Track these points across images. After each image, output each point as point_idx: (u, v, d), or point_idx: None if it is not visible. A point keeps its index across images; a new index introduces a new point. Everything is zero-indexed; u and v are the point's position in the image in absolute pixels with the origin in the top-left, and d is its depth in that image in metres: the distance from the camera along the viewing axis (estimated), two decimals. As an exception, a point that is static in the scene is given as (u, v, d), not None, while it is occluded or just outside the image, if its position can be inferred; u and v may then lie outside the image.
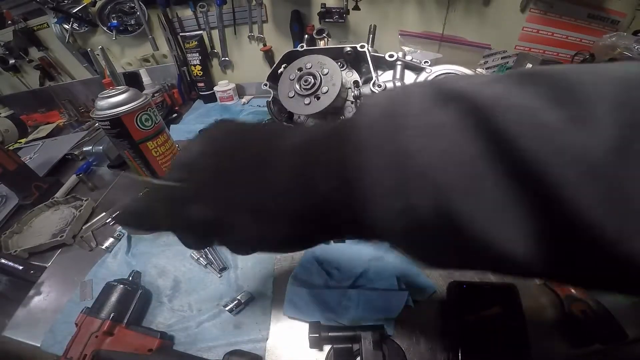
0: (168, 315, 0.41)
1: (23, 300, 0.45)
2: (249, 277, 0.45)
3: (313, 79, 0.42)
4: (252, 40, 1.02)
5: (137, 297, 0.40)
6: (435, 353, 0.35)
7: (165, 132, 0.48)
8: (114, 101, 0.41)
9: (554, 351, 0.35)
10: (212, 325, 0.39)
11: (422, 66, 0.43)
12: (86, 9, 0.96)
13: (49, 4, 0.91)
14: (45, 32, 1.03)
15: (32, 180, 0.65)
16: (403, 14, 0.91)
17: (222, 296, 0.43)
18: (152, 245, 0.51)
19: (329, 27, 0.90)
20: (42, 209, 0.61)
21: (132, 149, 0.45)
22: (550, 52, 0.94)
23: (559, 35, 0.91)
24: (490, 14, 0.88)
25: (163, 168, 0.49)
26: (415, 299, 0.40)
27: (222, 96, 1.06)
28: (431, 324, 0.38)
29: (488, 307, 0.38)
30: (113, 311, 0.37)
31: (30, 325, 0.42)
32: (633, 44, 0.77)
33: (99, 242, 0.52)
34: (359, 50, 0.43)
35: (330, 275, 0.44)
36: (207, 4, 0.95)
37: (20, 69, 1.12)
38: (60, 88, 1.13)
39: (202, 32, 1.01)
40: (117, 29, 0.99)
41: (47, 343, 0.39)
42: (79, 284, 0.46)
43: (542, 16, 0.88)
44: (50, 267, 0.50)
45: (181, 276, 0.46)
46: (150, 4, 0.95)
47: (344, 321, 0.38)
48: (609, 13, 0.86)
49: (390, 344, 0.35)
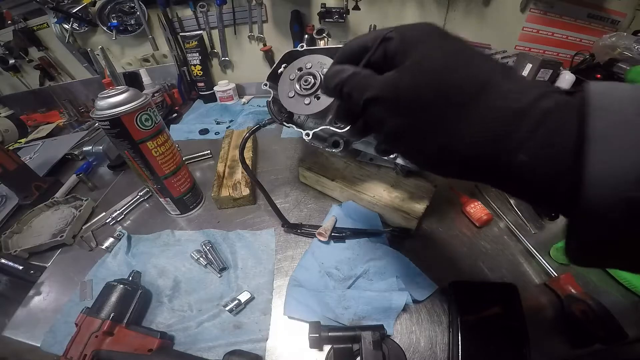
0: (168, 315, 0.41)
1: (23, 300, 0.45)
2: (249, 277, 0.45)
3: (313, 79, 0.42)
4: (252, 40, 1.02)
5: (137, 297, 0.40)
6: (436, 353, 0.35)
7: (165, 132, 0.48)
8: (113, 101, 0.41)
9: (554, 351, 0.35)
10: (212, 325, 0.39)
11: (422, 66, 0.43)
12: (86, 9, 0.96)
13: (49, 4, 0.91)
14: (45, 32, 1.03)
15: (32, 180, 0.65)
16: (403, 14, 0.91)
17: (222, 296, 0.43)
18: (152, 245, 0.51)
19: (329, 27, 0.90)
20: (42, 209, 0.61)
21: (132, 149, 0.45)
22: (550, 52, 0.94)
23: (559, 35, 0.91)
24: (490, 14, 0.88)
25: (163, 168, 0.49)
26: (415, 299, 0.40)
27: (222, 96, 1.06)
28: (431, 324, 0.38)
29: (488, 307, 0.38)
30: (113, 311, 0.37)
31: (30, 325, 0.42)
32: (633, 44, 0.77)
33: (99, 242, 0.52)
34: (359, 50, 0.43)
35: (330, 275, 0.44)
36: (207, 4, 0.95)
37: (20, 69, 1.12)
38: (60, 88, 1.13)
39: (202, 32, 1.01)
40: (117, 28, 0.98)
41: (47, 343, 0.39)
42: (78, 284, 0.46)
43: (542, 16, 0.88)
44: (50, 267, 0.50)
45: (181, 276, 0.46)
46: (150, 3, 0.95)
47: (344, 321, 0.38)
48: (609, 13, 0.86)
49: (390, 344, 0.35)
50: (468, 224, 0.51)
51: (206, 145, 0.77)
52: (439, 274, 0.44)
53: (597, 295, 0.37)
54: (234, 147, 0.71)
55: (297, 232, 0.51)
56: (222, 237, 0.51)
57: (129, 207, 0.60)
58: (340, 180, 0.54)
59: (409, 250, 0.47)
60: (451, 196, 0.56)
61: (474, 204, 0.51)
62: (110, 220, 0.57)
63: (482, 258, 0.46)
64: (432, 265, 0.45)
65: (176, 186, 0.52)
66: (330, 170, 0.56)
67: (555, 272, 0.42)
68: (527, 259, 0.45)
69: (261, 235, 0.51)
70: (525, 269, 0.44)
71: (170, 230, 0.54)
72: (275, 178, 0.65)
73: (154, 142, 0.46)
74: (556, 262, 0.44)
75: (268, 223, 0.54)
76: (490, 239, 0.49)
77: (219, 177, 0.61)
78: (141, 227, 0.56)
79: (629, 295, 0.39)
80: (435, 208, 0.52)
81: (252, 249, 0.49)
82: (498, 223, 0.51)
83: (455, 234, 0.50)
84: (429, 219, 0.52)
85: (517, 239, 0.48)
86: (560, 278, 0.40)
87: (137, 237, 0.53)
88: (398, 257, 0.45)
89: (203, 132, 0.88)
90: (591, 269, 0.43)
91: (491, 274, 0.44)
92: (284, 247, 0.49)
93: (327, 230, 0.48)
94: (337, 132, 0.43)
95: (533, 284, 0.42)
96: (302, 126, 0.48)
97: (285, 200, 0.59)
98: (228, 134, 0.77)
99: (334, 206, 0.54)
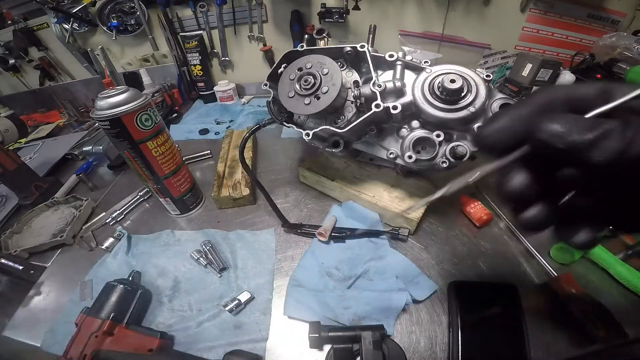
0: (168, 315, 0.41)
1: (23, 300, 0.45)
2: (249, 277, 0.45)
3: (313, 79, 0.42)
4: (252, 40, 1.02)
5: (137, 297, 0.40)
6: (436, 353, 0.35)
7: (165, 132, 0.48)
8: (113, 101, 0.41)
9: (554, 351, 0.35)
10: (212, 325, 0.39)
11: (422, 66, 0.43)
12: (86, 9, 0.96)
13: (49, 4, 0.91)
14: (45, 32, 1.03)
15: (32, 180, 0.65)
16: (403, 13, 0.91)
17: (222, 296, 0.43)
18: (152, 245, 0.51)
19: (329, 27, 0.90)
20: (42, 208, 0.61)
21: (132, 149, 0.45)
22: (550, 52, 0.94)
23: (559, 35, 0.91)
24: (490, 14, 0.88)
25: (163, 168, 0.49)
26: (415, 299, 0.40)
27: (222, 96, 1.06)
28: (431, 324, 0.38)
29: (488, 307, 0.38)
30: (113, 311, 0.37)
31: (30, 325, 0.42)
32: (633, 44, 0.77)
33: (99, 242, 0.52)
34: (359, 50, 0.43)
35: (330, 275, 0.44)
36: (207, 4, 0.95)
37: (20, 69, 1.12)
38: (60, 88, 1.13)
39: (202, 32, 1.01)
40: (117, 28, 0.99)
41: (47, 343, 0.39)
42: (78, 284, 0.46)
43: (542, 16, 0.88)
44: (50, 267, 0.50)
45: (181, 276, 0.46)
46: (150, 3, 0.95)
47: (344, 321, 0.38)
48: (609, 13, 0.86)
49: (390, 344, 0.35)
50: (468, 224, 0.51)
51: (206, 145, 0.77)
52: (439, 274, 0.44)
53: (597, 295, 0.37)
54: (234, 147, 0.71)
55: (297, 232, 0.51)
56: (222, 237, 0.51)
57: (129, 207, 0.60)
58: (340, 180, 0.54)
59: (409, 250, 0.47)
60: (451, 196, 0.55)
61: (474, 204, 0.51)
62: (110, 220, 0.57)
63: (482, 258, 0.46)
64: (432, 265, 0.45)
65: (176, 186, 0.52)
66: (330, 170, 0.56)
67: (555, 272, 0.41)
68: (527, 259, 0.45)
69: (261, 235, 0.51)
70: (525, 269, 0.44)
71: (170, 230, 0.54)
72: (275, 178, 0.65)
73: (154, 142, 0.46)
74: (556, 262, 0.44)
75: (268, 223, 0.54)
76: (490, 239, 0.49)
77: (219, 177, 0.61)
78: (141, 227, 0.56)
79: (629, 295, 0.39)
80: (435, 208, 0.52)
81: (252, 249, 0.49)
82: (498, 223, 0.51)
83: (455, 234, 0.50)
84: (429, 219, 0.52)
85: (517, 239, 0.48)
86: (560, 278, 0.40)
87: (137, 237, 0.53)
88: (398, 257, 0.45)
89: (203, 132, 0.88)
90: (591, 269, 0.43)
91: (491, 274, 0.44)
92: (284, 247, 0.49)
93: (327, 230, 0.48)
94: (337, 132, 0.43)
95: (533, 284, 0.42)
96: (302, 126, 0.49)
97: (285, 200, 0.59)
98: (228, 134, 0.77)
99: (334, 206, 0.54)
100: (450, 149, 0.40)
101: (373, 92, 0.41)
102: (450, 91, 0.38)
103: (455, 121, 0.39)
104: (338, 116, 0.45)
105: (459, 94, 0.38)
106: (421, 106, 0.40)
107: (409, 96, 0.42)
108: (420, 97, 0.40)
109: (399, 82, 0.42)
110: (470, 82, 0.39)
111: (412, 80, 0.43)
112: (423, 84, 0.41)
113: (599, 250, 0.42)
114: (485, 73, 0.41)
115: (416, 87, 0.41)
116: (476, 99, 0.38)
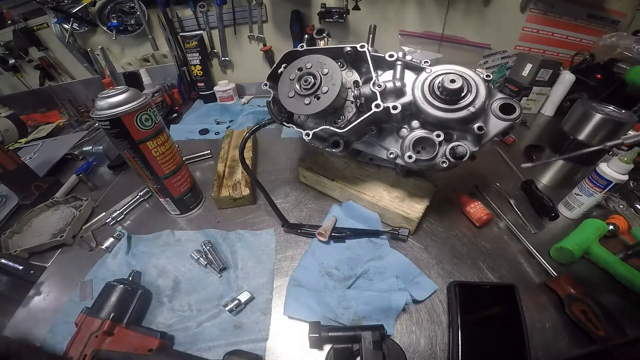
0: (168, 315, 0.41)
1: (23, 300, 0.45)
2: (249, 277, 0.45)
3: (313, 79, 0.42)
4: (252, 40, 1.02)
5: (137, 297, 0.40)
6: (436, 353, 0.35)
7: (165, 132, 0.48)
8: (113, 101, 0.41)
9: (554, 351, 0.35)
10: (212, 325, 0.39)
11: (422, 66, 0.43)
12: (86, 9, 0.96)
13: (49, 4, 0.91)
14: (45, 32, 1.03)
15: (32, 180, 0.65)
16: (403, 14, 0.91)
17: (222, 296, 0.43)
18: (152, 245, 0.51)
19: (329, 27, 0.90)
20: (42, 208, 0.61)
21: (132, 149, 0.45)
22: (550, 52, 0.94)
23: (559, 35, 0.91)
24: (490, 14, 0.88)
25: (163, 168, 0.49)
26: (415, 299, 0.40)
27: (222, 96, 1.06)
28: (431, 324, 0.38)
29: (488, 307, 0.38)
30: (113, 311, 0.37)
31: (30, 325, 0.42)
32: (633, 44, 0.77)
33: (99, 242, 0.52)
34: (359, 50, 0.43)
35: (330, 275, 0.44)
36: (207, 4, 0.95)
37: (20, 69, 1.12)
38: (60, 88, 1.13)
39: (202, 32, 1.01)
40: (117, 28, 0.99)
41: (47, 343, 0.39)
42: (78, 284, 0.46)
43: (542, 16, 0.88)
44: (50, 267, 0.50)
45: (181, 276, 0.46)
46: (150, 3, 0.95)
47: (344, 321, 0.38)
48: (609, 13, 0.86)
49: (390, 344, 0.35)
50: (468, 224, 0.51)
51: (206, 145, 0.77)
52: (438, 274, 0.44)
53: (597, 295, 0.37)
54: (234, 147, 0.71)
55: (297, 232, 0.51)
56: (222, 237, 0.51)
57: (129, 207, 0.60)
58: (340, 180, 0.54)
59: (409, 250, 0.47)
60: (451, 196, 0.56)
61: (474, 204, 0.51)
62: (110, 220, 0.57)
63: (482, 258, 0.46)
64: (432, 265, 0.45)
65: (176, 186, 0.52)
66: (330, 170, 0.56)
67: (555, 272, 0.42)
68: (527, 259, 0.45)
69: (261, 235, 0.51)
70: (525, 269, 0.44)
71: (170, 230, 0.54)
72: (275, 178, 0.65)
73: (154, 142, 0.46)
74: (556, 262, 0.44)
75: (268, 223, 0.54)
76: (490, 239, 0.49)
77: (219, 177, 0.61)
78: (141, 227, 0.56)
79: (629, 295, 0.39)
80: (435, 208, 0.52)
81: (252, 249, 0.49)
82: (498, 223, 0.51)
83: (455, 234, 0.50)
84: (429, 219, 0.52)
85: (517, 239, 0.48)
86: (561, 278, 0.40)
87: (137, 237, 0.53)
88: (398, 257, 0.45)
89: (203, 132, 0.88)
90: (591, 269, 0.43)
91: (491, 274, 0.44)
92: (284, 247, 0.49)
93: (327, 230, 0.48)
94: (337, 132, 0.43)
95: (533, 284, 0.42)
96: (302, 126, 0.49)
97: (285, 200, 0.59)
98: (228, 134, 0.77)
99: (334, 206, 0.54)
100: (450, 149, 0.40)
101: (373, 92, 0.41)
102: (450, 91, 0.38)
103: (455, 121, 0.39)
104: (338, 116, 0.45)
105: (459, 94, 0.38)
106: (421, 106, 0.40)
107: (408, 96, 0.42)
108: (420, 97, 0.41)
109: (399, 82, 0.42)
110: (470, 82, 0.39)
111: (412, 80, 0.43)
112: (423, 84, 0.41)
113: (599, 250, 0.42)
114: (485, 73, 0.41)
115: (416, 87, 0.41)
116: (476, 99, 0.38)
